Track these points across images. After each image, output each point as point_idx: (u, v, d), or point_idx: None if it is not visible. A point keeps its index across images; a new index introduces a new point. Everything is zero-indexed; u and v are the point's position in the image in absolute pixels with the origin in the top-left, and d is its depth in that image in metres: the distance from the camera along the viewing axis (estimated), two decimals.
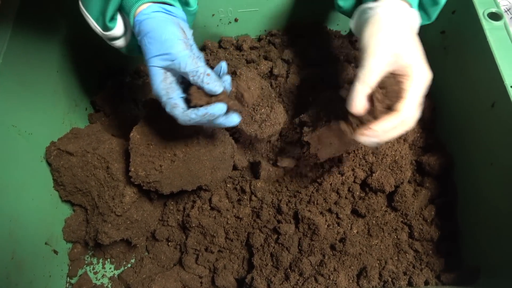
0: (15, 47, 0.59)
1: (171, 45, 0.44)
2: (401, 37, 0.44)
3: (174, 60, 0.44)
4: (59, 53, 0.73)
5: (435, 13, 0.57)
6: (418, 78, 0.43)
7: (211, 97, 0.46)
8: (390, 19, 0.45)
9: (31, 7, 0.64)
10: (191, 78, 0.44)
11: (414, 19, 0.49)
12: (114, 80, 0.84)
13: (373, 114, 0.44)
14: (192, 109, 0.45)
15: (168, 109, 0.46)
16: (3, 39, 0.58)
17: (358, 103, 0.43)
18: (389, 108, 0.43)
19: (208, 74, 0.43)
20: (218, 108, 0.46)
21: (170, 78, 0.46)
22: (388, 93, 0.44)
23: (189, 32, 0.49)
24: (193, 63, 0.43)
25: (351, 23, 0.53)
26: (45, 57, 0.68)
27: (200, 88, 0.45)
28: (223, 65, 0.49)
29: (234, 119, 0.48)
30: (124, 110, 0.78)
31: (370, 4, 0.48)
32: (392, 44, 0.43)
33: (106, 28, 0.49)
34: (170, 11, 0.48)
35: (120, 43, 0.53)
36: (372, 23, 0.45)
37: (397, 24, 0.44)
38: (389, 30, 0.44)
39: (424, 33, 0.76)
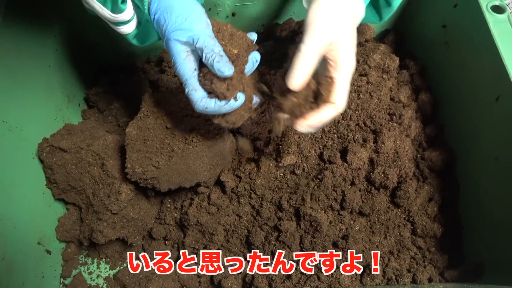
0: (4, 41, 0.57)
1: (194, 21, 0.44)
2: (340, 23, 0.45)
3: (194, 37, 0.43)
4: (52, 48, 0.70)
5: (387, 14, 0.58)
6: (346, 67, 0.45)
7: (223, 81, 0.44)
8: (335, 3, 0.46)
9: (22, 1, 0.61)
10: (204, 55, 0.43)
11: (358, 9, 0.49)
12: (108, 76, 0.82)
13: (307, 104, 0.46)
14: (212, 98, 0.45)
15: (187, 91, 0.45)
16: None
17: (298, 77, 0.43)
18: (316, 97, 0.46)
19: (221, 55, 0.43)
20: (240, 99, 0.46)
21: (192, 58, 0.45)
22: (320, 84, 0.46)
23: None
24: (212, 42, 0.43)
25: None
26: (36, 51, 0.66)
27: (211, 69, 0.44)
28: (254, 36, 0.49)
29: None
30: (119, 106, 0.76)
31: None
32: (330, 28, 0.44)
33: (117, 10, 0.47)
34: None
35: (127, 28, 0.51)
36: (317, 2, 0.46)
37: (340, 10, 0.46)
38: (330, 14, 0.45)
39: (424, 28, 0.76)
